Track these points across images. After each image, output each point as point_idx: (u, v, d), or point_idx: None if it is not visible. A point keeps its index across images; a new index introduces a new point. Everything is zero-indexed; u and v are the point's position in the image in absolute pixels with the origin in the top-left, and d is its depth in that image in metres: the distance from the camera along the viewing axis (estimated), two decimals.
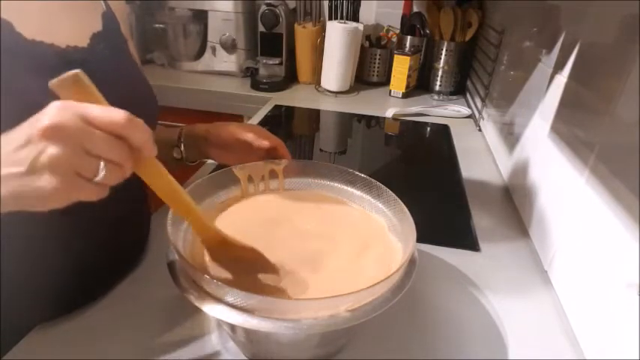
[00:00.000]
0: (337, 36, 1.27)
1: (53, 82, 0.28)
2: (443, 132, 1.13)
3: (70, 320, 0.47)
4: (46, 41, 0.41)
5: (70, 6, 0.44)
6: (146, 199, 0.61)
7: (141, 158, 0.31)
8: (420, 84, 1.42)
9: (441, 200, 0.81)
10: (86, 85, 0.29)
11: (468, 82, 1.39)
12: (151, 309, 0.49)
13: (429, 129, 1.17)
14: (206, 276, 0.34)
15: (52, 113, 0.27)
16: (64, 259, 0.46)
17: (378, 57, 1.42)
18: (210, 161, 0.87)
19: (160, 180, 0.35)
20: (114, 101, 0.31)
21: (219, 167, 0.79)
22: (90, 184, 0.29)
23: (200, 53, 1.44)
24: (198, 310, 0.35)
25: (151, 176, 0.34)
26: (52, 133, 0.27)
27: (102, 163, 0.29)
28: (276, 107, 1.22)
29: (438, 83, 1.38)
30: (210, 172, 0.52)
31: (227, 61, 1.42)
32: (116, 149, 0.29)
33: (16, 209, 0.29)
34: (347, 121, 1.21)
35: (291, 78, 1.43)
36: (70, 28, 0.44)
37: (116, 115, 0.29)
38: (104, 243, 0.49)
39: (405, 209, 0.46)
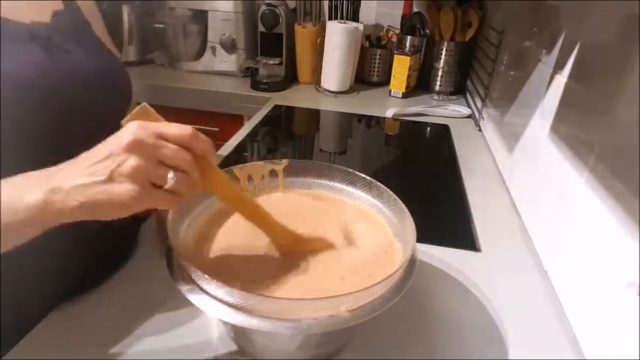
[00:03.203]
0: (337, 36, 1.27)
1: (128, 120, 0.34)
2: (443, 132, 1.13)
3: (69, 319, 0.47)
4: (10, 18, 0.42)
5: None
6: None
7: (207, 172, 0.37)
8: (420, 84, 1.42)
9: (441, 200, 0.81)
10: (152, 112, 0.35)
11: (468, 82, 1.39)
12: (148, 307, 0.49)
13: (429, 129, 1.17)
14: (206, 275, 0.34)
15: (132, 131, 0.32)
16: (56, 257, 0.47)
17: (378, 57, 1.42)
18: None
19: (226, 189, 0.41)
20: (84, 72, 0.32)
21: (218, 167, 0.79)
22: (162, 192, 0.34)
23: (200, 53, 1.44)
24: (196, 309, 0.35)
25: (218, 188, 0.39)
26: (134, 147, 0.31)
27: (172, 174, 0.34)
28: (276, 107, 1.22)
29: (438, 83, 1.38)
30: None
31: (227, 61, 1.42)
32: (184, 158, 0.34)
33: (83, 219, 0.32)
34: (347, 121, 1.21)
35: (291, 78, 1.43)
36: (32, 6, 0.46)
37: (183, 129, 0.34)
38: (91, 241, 0.50)
39: (405, 209, 0.46)
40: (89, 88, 0.35)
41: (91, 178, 0.31)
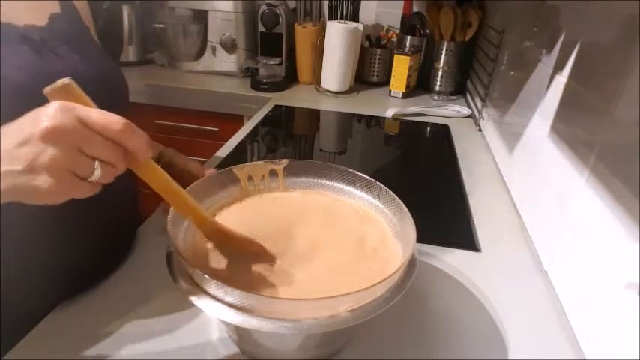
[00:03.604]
0: (337, 36, 1.27)
1: (47, 90, 0.30)
2: (443, 132, 1.13)
3: (69, 319, 0.47)
4: (4, 20, 0.42)
5: None
6: (136, 198, 0.61)
7: (139, 169, 0.34)
8: (420, 84, 1.42)
9: (441, 200, 0.81)
10: (76, 91, 0.31)
11: (468, 82, 1.39)
12: (147, 307, 0.49)
13: (429, 129, 1.17)
14: (206, 276, 0.34)
15: (51, 115, 0.29)
16: (55, 256, 0.47)
17: (378, 57, 1.42)
18: (209, 161, 0.87)
19: (155, 177, 0.37)
20: (78, 76, 0.32)
21: (218, 168, 0.79)
22: (84, 182, 0.31)
23: (200, 53, 1.44)
24: (196, 309, 0.35)
25: (146, 174, 0.36)
26: (52, 136, 0.28)
27: (96, 163, 0.31)
28: (276, 107, 1.22)
29: (438, 83, 1.38)
30: None
31: (227, 61, 1.42)
32: (110, 151, 0.31)
33: (12, 201, 0.30)
34: (347, 121, 1.21)
35: (291, 78, 1.43)
36: (28, 8, 0.45)
37: (113, 120, 0.30)
38: (90, 239, 0.50)
39: (405, 209, 0.46)
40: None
41: (10, 166, 0.29)
